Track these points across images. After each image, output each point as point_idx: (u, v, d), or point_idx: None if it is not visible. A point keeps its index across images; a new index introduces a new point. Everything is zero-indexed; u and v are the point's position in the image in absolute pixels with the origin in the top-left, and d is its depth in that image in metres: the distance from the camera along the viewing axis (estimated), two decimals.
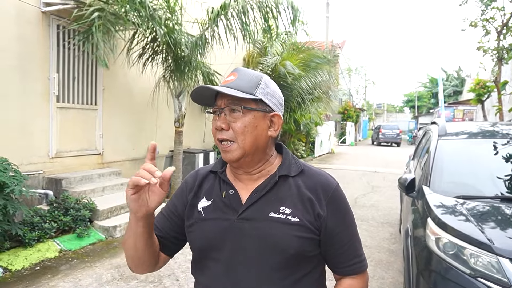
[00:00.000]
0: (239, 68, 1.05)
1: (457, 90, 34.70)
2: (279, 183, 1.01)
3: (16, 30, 4.71)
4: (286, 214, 0.96)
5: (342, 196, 1.06)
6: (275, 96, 1.02)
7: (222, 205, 1.02)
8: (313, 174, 1.05)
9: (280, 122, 1.03)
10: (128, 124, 6.66)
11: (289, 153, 1.09)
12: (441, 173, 3.14)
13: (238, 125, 0.96)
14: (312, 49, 10.40)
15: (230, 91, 0.95)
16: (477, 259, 2.14)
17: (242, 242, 0.97)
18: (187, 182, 1.14)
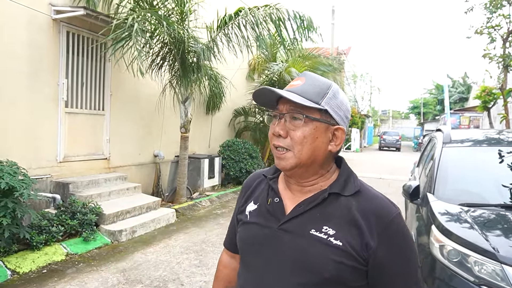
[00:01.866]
0: (307, 72, 0.98)
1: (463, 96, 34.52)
2: (329, 200, 0.93)
3: (27, 37, 4.81)
4: (328, 235, 0.89)
5: (402, 228, 0.91)
6: (342, 108, 0.94)
7: (265, 211, 1.00)
8: (371, 197, 0.94)
9: (343, 137, 0.95)
10: (134, 129, 6.74)
11: (347, 170, 0.99)
12: (445, 181, 3.14)
13: (298, 134, 0.91)
14: (318, 57, 10.46)
15: (294, 97, 0.89)
16: (482, 267, 2.14)
17: (278, 254, 0.93)
18: (244, 184, 1.15)
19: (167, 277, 3.79)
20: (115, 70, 6.21)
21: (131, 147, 6.70)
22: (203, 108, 8.78)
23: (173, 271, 3.93)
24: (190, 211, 6.47)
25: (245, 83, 10.74)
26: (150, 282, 3.66)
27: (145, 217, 5.42)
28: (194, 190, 7.59)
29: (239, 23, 6.16)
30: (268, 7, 6.11)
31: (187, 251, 4.52)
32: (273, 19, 6.04)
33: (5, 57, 4.57)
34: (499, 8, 7.78)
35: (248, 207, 1.06)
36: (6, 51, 4.59)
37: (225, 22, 6.21)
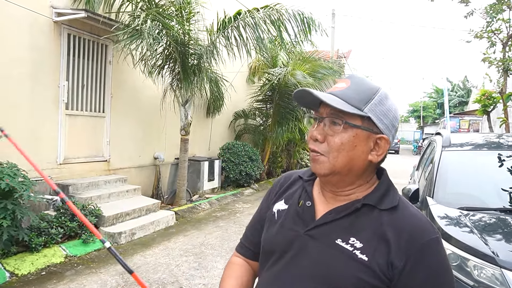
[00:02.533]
0: (353, 75, 0.93)
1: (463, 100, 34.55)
2: (361, 211, 0.88)
3: (28, 40, 4.83)
4: (354, 247, 0.84)
5: (437, 254, 0.83)
6: (388, 115, 0.87)
7: (294, 214, 0.96)
8: (408, 214, 0.87)
9: (386, 147, 0.88)
10: (134, 131, 6.74)
11: (387, 182, 0.92)
12: (445, 184, 3.15)
13: (335, 140, 0.86)
14: (318, 60, 10.48)
15: (333, 102, 0.84)
16: (481, 271, 2.14)
17: (300, 259, 0.89)
18: (277, 182, 1.11)
19: (166, 279, 3.78)
20: (115, 72, 6.22)
21: (131, 149, 6.70)
22: (203, 110, 8.80)
23: (172, 273, 3.93)
24: (189, 213, 6.46)
25: (245, 86, 10.75)
26: (149, 284, 3.65)
27: (145, 220, 5.41)
28: (194, 193, 7.58)
29: (238, 25, 6.18)
30: (268, 8, 6.13)
31: (186, 254, 4.51)
32: (273, 19, 6.06)
33: (7, 59, 4.58)
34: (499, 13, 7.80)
35: (277, 205, 1.02)
36: (8, 53, 4.60)
37: (224, 25, 6.23)
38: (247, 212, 6.92)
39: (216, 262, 4.28)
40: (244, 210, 7.10)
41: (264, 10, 6.10)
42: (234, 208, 7.26)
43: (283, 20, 6.07)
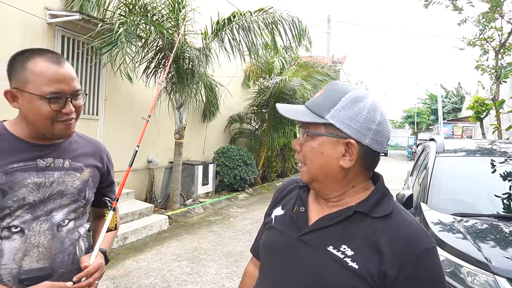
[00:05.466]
0: (332, 83, 0.94)
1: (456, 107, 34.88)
2: (353, 218, 0.88)
3: (22, 41, 4.78)
4: (345, 255, 0.84)
5: (432, 264, 0.82)
6: (358, 119, 0.85)
7: (289, 219, 0.98)
8: (402, 222, 0.86)
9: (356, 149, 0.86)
10: (129, 134, 6.69)
11: (381, 190, 0.91)
12: (438, 190, 3.15)
13: (306, 149, 0.90)
14: (315, 67, 10.54)
15: (293, 114, 0.92)
16: (474, 278, 2.14)
17: (292, 265, 0.91)
18: (278, 188, 1.14)
19: (158, 285, 3.73)
20: (110, 75, 6.18)
21: (125, 152, 6.62)
22: (198, 114, 8.77)
23: (164, 278, 3.88)
24: (183, 217, 6.41)
25: (241, 90, 10.75)
26: None
27: (137, 224, 5.36)
28: (188, 197, 7.54)
29: (232, 28, 6.19)
30: (262, 12, 6.15)
31: (179, 259, 4.46)
32: (267, 23, 6.08)
33: None
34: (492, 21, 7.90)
35: (275, 211, 1.05)
36: (0, 55, 4.55)
37: (219, 28, 6.24)
38: (241, 216, 6.88)
39: (210, 267, 4.24)
40: (238, 214, 7.06)
41: (258, 14, 6.12)
42: (228, 212, 7.22)
43: (276, 24, 6.10)
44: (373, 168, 0.93)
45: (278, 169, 11.68)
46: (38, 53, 1.08)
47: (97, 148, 1.34)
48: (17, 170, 1.08)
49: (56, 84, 1.05)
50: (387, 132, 0.89)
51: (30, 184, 1.09)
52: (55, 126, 1.09)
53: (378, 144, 0.88)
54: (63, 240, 1.17)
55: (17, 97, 1.08)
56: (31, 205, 1.09)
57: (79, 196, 1.21)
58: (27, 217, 1.08)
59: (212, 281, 3.89)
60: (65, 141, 1.21)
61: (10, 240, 1.06)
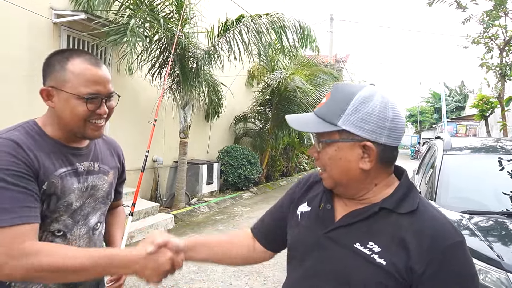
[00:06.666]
0: (337, 85, 0.93)
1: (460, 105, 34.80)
2: (379, 215, 0.87)
3: (28, 41, 4.80)
4: (372, 252, 0.84)
5: (462, 258, 0.81)
6: (370, 119, 0.85)
7: (315, 216, 0.98)
8: (429, 217, 0.85)
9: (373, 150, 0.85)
10: (134, 134, 6.70)
11: (405, 185, 0.91)
12: (446, 188, 3.14)
13: (323, 156, 0.91)
14: (318, 65, 10.52)
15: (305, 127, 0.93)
16: (486, 275, 2.13)
17: (319, 261, 0.92)
18: (301, 180, 1.12)
19: (165, 283, 3.74)
20: (114, 75, 6.19)
21: (130, 152, 6.65)
22: (202, 113, 8.78)
23: (171, 277, 3.88)
24: (188, 216, 6.43)
25: (245, 90, 10.76)
26: None
27: (143, 223, 5.37)
28: (193, 196, 7.55)
29: (240, 30, 6.20)
30: (269, 16, 6.16)
31: None
32: (275, 27, 6.10)
33: (5, 61, 4.55)
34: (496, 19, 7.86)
35: (300, 207, 1.04)
36: (6, 55, 4.57)
37: (226, 28, 6.25)
38: (246, 215, 6.89)
39: (216, 266, 4.24)
40: (243, 213, 7.07)
41: (266, 17, 6.14)
42: (233, 211, 7.22)
43: (284, 29, 6.13)
44: (393, 162, 0.93)
45: (282, 168, 11.68)
46: (77, 54, 1.09)
47: (114, 147, 1.36)
48: (66, 175, 1.09)
49: (93, 86, 1.07)
50: (401, 125, 0.88)
51: (76, 189, 1.10)
52: (87, 126, 1.10)
53: (394, 140, 0.87)
54: (96, 243, 1.20)
55: (53, 96, 1.08)
56: (74, 210, 1.10)
57: (107, 198, 1.24)
58: (68, 221, 1.10)
59: (219, 280, 3.90)
60: (92, 144, 1.22)
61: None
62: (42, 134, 1.09)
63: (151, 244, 0.99)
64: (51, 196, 1.04)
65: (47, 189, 1.02)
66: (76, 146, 1.15)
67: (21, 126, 1.07)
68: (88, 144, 1.20)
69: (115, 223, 1.40)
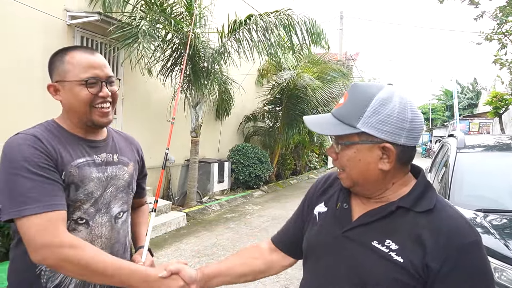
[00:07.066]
0: (355, 85, 0.93)
1: (472, 103, 34.26)
2: (396, 214, 0.89)
3: (43, 43, 4.90)
4: (390, 249, 0.85)
5: (476, 258, 0.81)
6: (389, 121, 0.85)
7: (332, 215, 1.00)
8: (446, 216, 0.86)
9: (392, 153, 0.86)
10: (146, 133, 6.79)
11: (423, 183, 0.92)
12: (460, 186, 3.12)
13: (342, 158, 0.92)
14: (327, 63, 10.48)
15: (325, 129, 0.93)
16: (502, 273, 2.12)
17: (338, 260, 0.93)
18: (319, 181, 1.14)
19: None
20: (127, 75, 6.28)
21: (144, 151, 6.67)
22: (213, 112, 8.83)
23: None
24: (200, 215, 6.49)
25: (254, 88, 10.78)
26: None
27: (156, 221, 5.44)
28: (204, 194, 7.61)
29: (249, 29, 6.22)
30: (278, 13, 6.17)
31: (198, 255, 4.53)
32: (284, 24, 6.10)
33: (21, 62, 4.66)
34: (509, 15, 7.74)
35: (317, 207, 1.06)
36: (24, 57, 4.68)
37: (235, 27, 6.27)
38: (257, 214, 6.92)
39: None
40: (254, 212, 7.10)
41: (275, 15, 6.14)
42: (244, 209, 7.26)
43: (293, 26, 6.12)
44: (410, 161, 0.93)
45: (292, 166, 11.68)
46: (73, 48, 1.19)
47: (133, 143, 1.43)
48: (84, 165, 1.15)
49: (91, 70, 1.14)
50: (420, 125, 0.88)
51: (95, 178, 1.16)
52: (93, 112, 1.16)
53: (413, 140, 0.88)
54: (119, 231, 1.25)
55: (59, 89, 1.16)
56: (95, 199, 1.16)
57: (128, 188, 1.28)
58: (91, 210, 1.15)
59: None
60: (109, 138, 1.28)
61: (77, 231, 1.12)
62: (60, 129, 1.16)
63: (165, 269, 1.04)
64: (70, 185, 1.10)
65: (65, 178, 1.09)
66: (93, 139, 1.22)
67: (41, 124, 1.17)
68: (105, 137, 1.27)
69: (140, 222, 1.47)
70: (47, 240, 0.96)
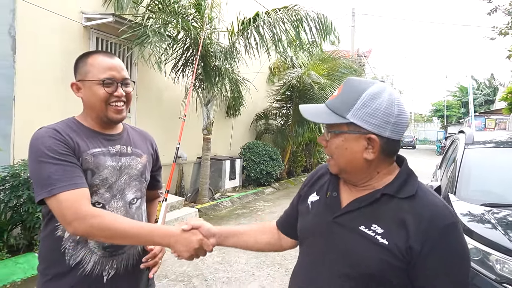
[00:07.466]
0: (349, 80, 1.02)
1: (489, 99, 33.55)
2: (381, 200, 0.96)
3: (60, 44, 5.08)
4: (376, 233, 0.93)
5: (454, 238, 0.90)
6: (376, 115, 0.93)
7: (323, 203, 1.08)
8: (427, 202, 0.94)
9: (377, 143, 0.94)
10: (159, 131, 6.94)
11: (406, 172, 1.00)
12: (467, 181, 3.15)
13: (331, 145, 1.01)
14: (338, 59, 10.47)
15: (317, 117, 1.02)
16: (504, 265, 2.16)
17: (329, 245, 1.01)
18: (312, 174, 1.24)
19: (191, 272, 3.93)
20: (140, 74, 6.44)
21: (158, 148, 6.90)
22: (224, 110, 8.95)
23: (196, 267, 4.07)
24: (212, 211, 6.62)
25: (266, 86, 10.86)
26: (175, 277, 3.81)
27: (169, 216, 5.59)
28: (216, 191, 7.74)
29: (257, 26, 6.29)
30: (286, 9, 6.22)
31: None
32: (292, 20, 6.15)
33: (41, 64, 4.84)
34: None
35: (310, 197, 1.15)
36: (44, 59, 4.86)
37: (244, 26, 6.36)
38: (268, 210, 7.01)
39: (239, 258, 4.39)
40: (265, 208, 7.20)
41: (283, 11, 6.20)
42: (255, 206, 7.37)
43: (301, 21, 6.16)
44: (395, 153, 1.01)
45: (303, 163, 11.72)
46: (95, 52, 1.36)
47: (147, 137, 1.56)
48: (99, 154, 1.29)
49: (108, 71, 1.29)
50: (405, 121, 0.96)
51: (109, 166, 1.30)
52: (108, 109, 1.30)
53: (397, 134, 0.96)
54: (133, 216, 1.36)
55: (81, 88, 1.32)
56: (110, 185, 1.29)
57: (141, 177, 1.41)
58: (107, 195, 1.28)
59: (242, 270, 4.05)
60: (124, 132, 1.42)
61: None
62: (79, 125, 1.32)
63: (186, 224, 1.17)
64: (87, 171, 1.24)
65: (82, 164, 1.23)
66: (109, 133, 1.36)
67: (61, 120, 1.32)
68: (120, 132, 1.41)
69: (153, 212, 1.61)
70: (74, 214, 1.09)
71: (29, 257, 3.76)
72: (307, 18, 6.18)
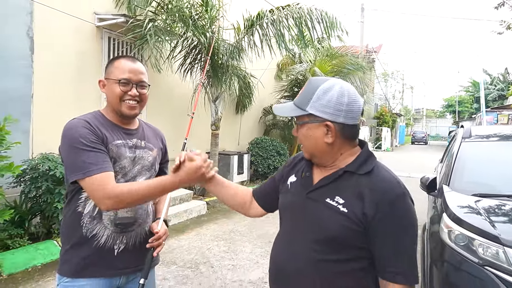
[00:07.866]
0: (310, 79, 1.21)
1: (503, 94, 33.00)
2: (343, 176, 1.16)
3: (74, 45, 5.34)
4: (338, 203, 1.12)
5: (404, 207, 1.10)
6: (329, 105, 1.11)
7: (300, 183, 1.28)
8: (381, 177, 1.13)
9: (333, 128, 1.13)
10: (168, 127, 7.17)
11: (365, 153, 1.19)
12: (461, 173, 3.28)
13: (299, 135, 1.21)
14: (345, 56, 10.56)
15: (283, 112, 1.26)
16: (487, 250, 2.31)
17: (303, 216, 1.20)
18: (290, 159, 1.43)
19: (198, 260, 4.15)
20: (150, 71, 6.67)
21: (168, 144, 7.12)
22: (232, 106, 9.15)
23: (204, 255, 4.29)
24: (220, 204, 6.83)
25: (274, 83, 11.01)
26: (183, 263, 4.03)
27: (179, 208, 5.83)
28: None
29: (262, 24, 6.44)
30: (290, 7, 6.36)
31: (217, 239, 4.87)
32: (295, 17, 6.28)
33: (57, 63, 5.10)
34: None
35: (290, 178, 1.34)
36: (58, 59, 5.12)
37: (251, 24, 6.52)
38: None
39: (245, 247, 4.60)
40: None
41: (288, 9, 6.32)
42: None
43: (305, 19, 6.28)
44: (354, 137, 1.20)
45: None
46: (122, 56, 1.57)
47: (158, 133, 1.79)
48: (121, 146, 1.51)
49: (127, 73, 1.49)
50: (357, 108, 1.14)
51: (128, 157, 1.52)
52: (122, 105, 1.50)
53: (352, 119, 1.14)
54: None
55: (105, 84, 1.53)
56: (125, 172, 1.51)
57: (151, 168, 1.63)
58: (122, 180, 1.49)
59: (247, 258, 4.25)
60: (140, 128, 1.65)
61: None
62: (104, 118, 1.53)
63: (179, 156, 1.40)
64: (111, 159, 1.44)
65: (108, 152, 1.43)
66: (127, 128, 1.58)
67: (90, 113, 1.53)
68: (137, 127, 1.63)
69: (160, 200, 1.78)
70: (104, 192, 1.31)
71: (48, 244, 4.03)
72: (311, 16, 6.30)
